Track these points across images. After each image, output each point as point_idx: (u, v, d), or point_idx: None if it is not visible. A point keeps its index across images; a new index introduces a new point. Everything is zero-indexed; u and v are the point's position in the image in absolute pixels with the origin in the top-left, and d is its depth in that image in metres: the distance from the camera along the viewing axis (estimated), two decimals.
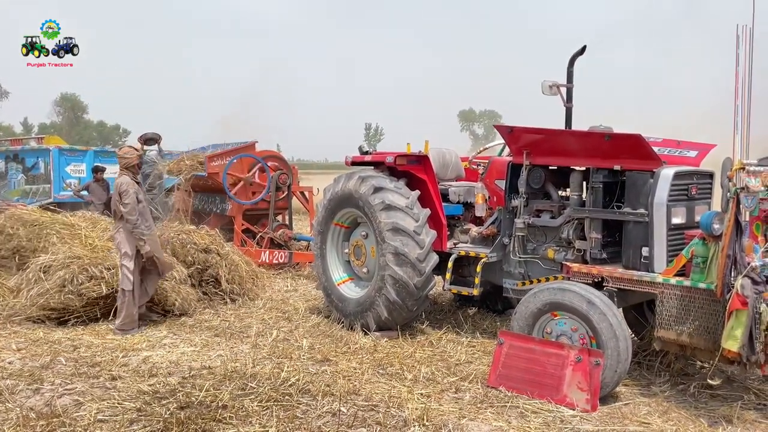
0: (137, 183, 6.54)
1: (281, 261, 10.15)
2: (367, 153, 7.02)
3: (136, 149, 6.72)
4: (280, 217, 11.42)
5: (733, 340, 4.15)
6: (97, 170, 12.55)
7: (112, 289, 6.83)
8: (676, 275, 4.75)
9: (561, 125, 6.28)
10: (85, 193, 12.49)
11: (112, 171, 14.56)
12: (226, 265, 7.98)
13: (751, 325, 4.11)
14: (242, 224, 10.74)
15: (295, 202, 11.69)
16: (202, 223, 9.84)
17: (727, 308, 4.20)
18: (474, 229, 6.59)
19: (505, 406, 4.66)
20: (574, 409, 4.58)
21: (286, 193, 10.94)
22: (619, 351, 4.69)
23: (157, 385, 4.92)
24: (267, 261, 10.03)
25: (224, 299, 7.83)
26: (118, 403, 4.56)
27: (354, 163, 6.99)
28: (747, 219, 4.30)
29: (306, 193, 11.68)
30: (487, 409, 4.61)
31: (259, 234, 10.64)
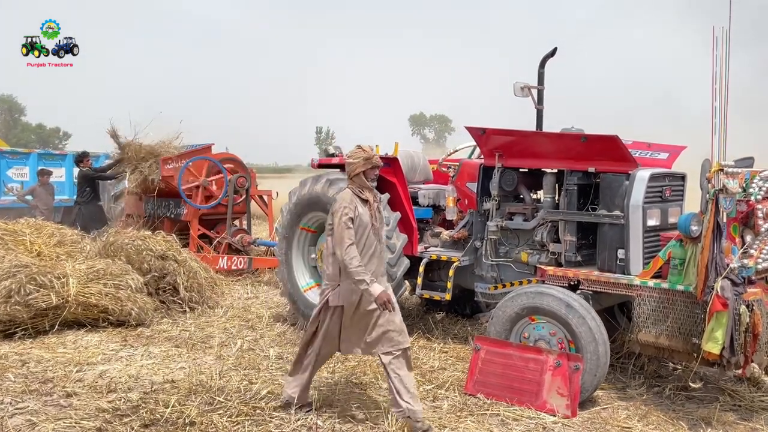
0: (365, 200, 4.31)
1: (240, 267, 9.83)
2: (333, 155, 6.82)
3: (364, 150, 4.40)
4: (237, 222, 11.08)
5: (713, 342, 4.14)
6: (42, 174, 11.92)
7: (62, 298, 6.43)
8: (653, 277, 4.73)
9: (517, 128, 6.20)
10: (29, 198, 11.86)
11: (57, 175, 13.93)
12: (184, 272, 7.64)
13: (732, 327, 4.10)
14: (198, 229, 10.36)
15: (254, 206, 11.37)
16: (155, 228, 9.44)
17: (708, 310, 4.18)
18: (445, 233, 6.48)
19: (485, 413, 4.55)
20: (554, 416, 4.50)
21: (244, 197, 10.62)
22: (598, 355, 4.64)
23: (117, 402, 4.60)
24: (225, 267, 9.70)
25: (183, 308, 7.48)
26: (76, 423, 4.23)
27: (321, 166, 6.79)
28: (725, 220, 4.30)
29: (265, 197, 11.37)
30: (467, 418, 4.48)
31: (216, 239, 10.28)
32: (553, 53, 6.10)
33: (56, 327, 6.47)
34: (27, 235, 7.57)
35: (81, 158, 10.81)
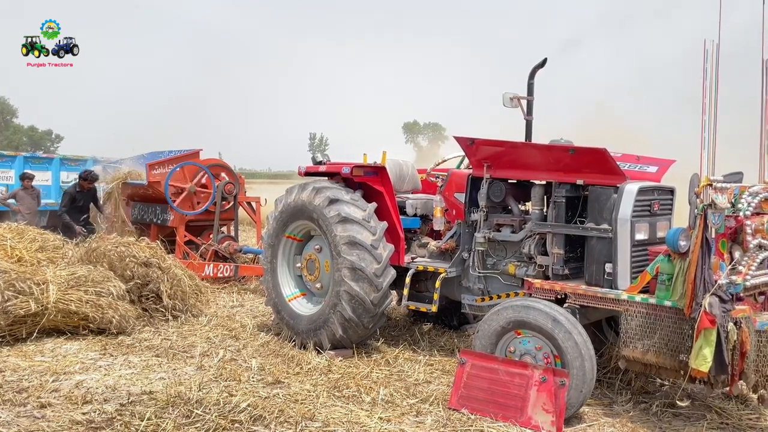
0: None
1: (226, 274, 9.71)
2: (321, 163, 6.74)
3: None
4: (225, 229, 10.97)
5: (702, 360, 4.07)
6: (25, 177, 11.76)
7: (42, 305, 6.30)
8: (640, 292, 4.67)
9: (505, 137, 6.15)
10: (12, 201, 11.69)
11: (42, 178, 13.75)
12: (168, 280, 7.50)
13: (721, 344, 4.03)
14: (185, 236, 10.24)
15: (242, 213, 11.25)
16: (141, 234, 9.33)
17: (696, 327, 4.12)
18: (432, 243, 6.40)
19: (469, 429, 4.45)
20: None
21: (231, 203, 10.51)
22: (584, 371, 4.56)
23: (92, 414, 4.48)
24: (211, 274, 9.58)
25: (166, 316, 7.35)
26: None
27: (308, 174, 6.70)
28: (713, 236, 4.24)
29: (253, 204, 11.27)
30: None
31: (203, 246, 10.16)
32: (542, 64, 6.05)
33: (35, 334, 6.34)
34: (8, 240, 7.41)
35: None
